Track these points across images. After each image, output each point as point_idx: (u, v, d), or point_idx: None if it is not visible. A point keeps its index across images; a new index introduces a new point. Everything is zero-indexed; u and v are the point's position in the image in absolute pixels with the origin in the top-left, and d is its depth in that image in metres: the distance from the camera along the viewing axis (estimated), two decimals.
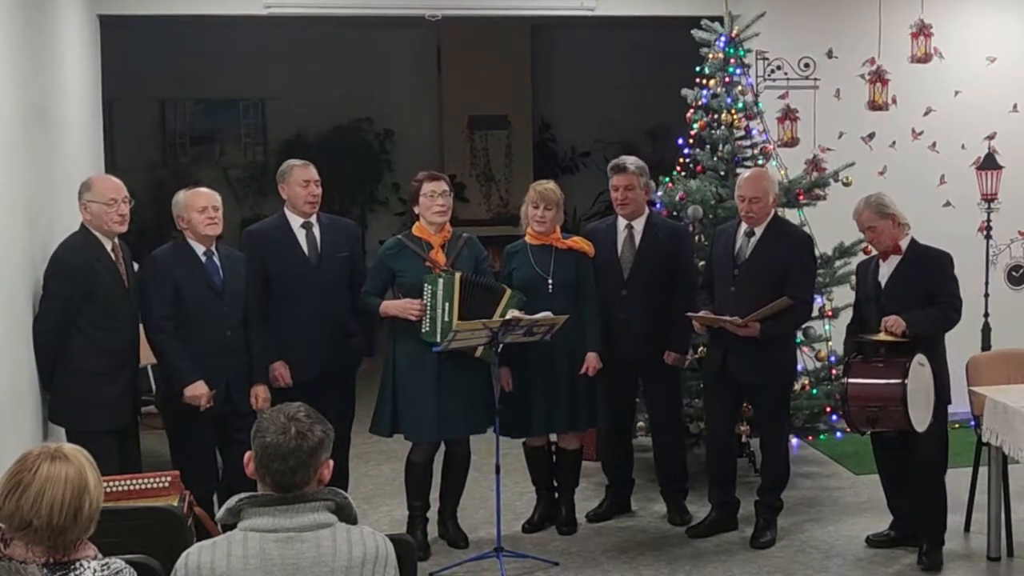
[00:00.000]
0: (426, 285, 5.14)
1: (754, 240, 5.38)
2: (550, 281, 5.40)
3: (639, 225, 5.67)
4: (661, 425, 5.86)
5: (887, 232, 5.12)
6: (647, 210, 5.75)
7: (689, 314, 5.41)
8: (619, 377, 5.68)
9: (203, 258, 5.04)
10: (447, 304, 5.09)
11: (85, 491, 2.44)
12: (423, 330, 5.13)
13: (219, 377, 4.99)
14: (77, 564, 2.43)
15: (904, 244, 5.13)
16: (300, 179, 5.42)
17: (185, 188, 5.16)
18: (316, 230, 5.47)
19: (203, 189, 5.13)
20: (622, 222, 5.70)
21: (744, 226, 5.42)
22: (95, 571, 2.44)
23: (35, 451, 2.46)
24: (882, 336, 5.03)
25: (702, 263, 5.89)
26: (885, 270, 5.15)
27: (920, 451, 5.08)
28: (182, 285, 4.96)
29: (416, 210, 5.33)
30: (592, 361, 5.43)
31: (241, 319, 5.11)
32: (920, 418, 4.93)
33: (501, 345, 5.05)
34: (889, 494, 5.41)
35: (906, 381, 4.86)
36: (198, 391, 4.90)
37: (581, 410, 5.49)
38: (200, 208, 4.99)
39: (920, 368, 4.96)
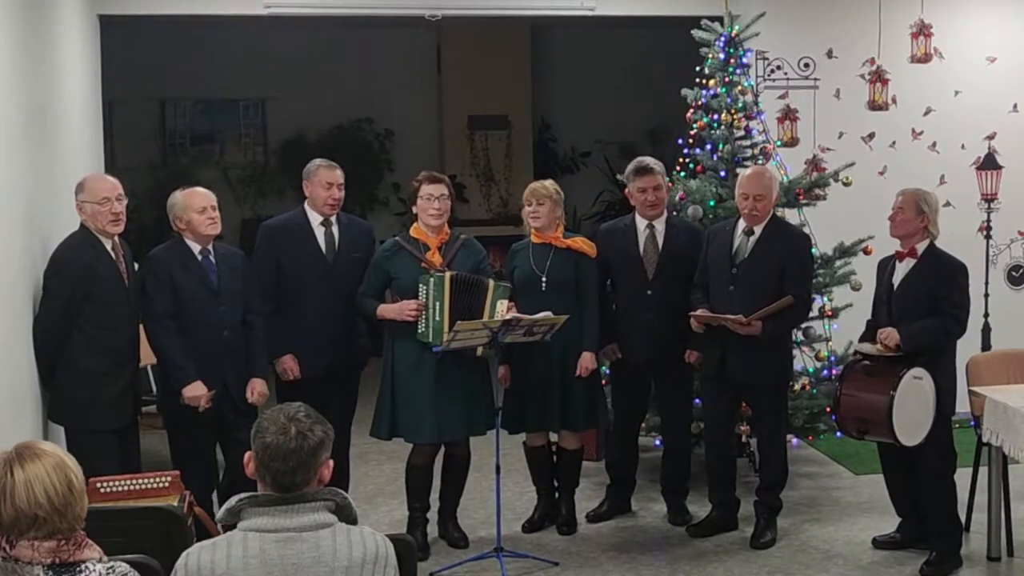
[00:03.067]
0: (421, 286, 5.13)
1: (753, 239, 5.37)
2: (543, 279, 5.41)
3: (660, 225, 5.67)
4: (674, 426, 5.86)
5: (908, 225, 5.04)
6: (666, 211, 5.75)
7: (690, 313, 5.41)
8: (633, 377, 5.69)
9: (199, 257, 5.03)
10: (438, 304, 5.08)
11: (66, 466, 2.45)
12: (418, 331, 5.13)
13: (217, 377, 5.00)
14: (83, 566, 2.43)
15: (921, 248, 5.06)
16: (324, 180, 5.45)
17: (180, 189, 5.15)
18: (335, 229, 5.49)
19: (199, 189, 5.12)
20: (642, 222, 5.69)
21: (741, 225, 5.42)
22: (100, 574, 2.43)
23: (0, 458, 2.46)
24: (876, 350, 5.03)
25: None
26: (899, 273, 5.11)
27: (924, 463, 5.06)
28: (179, 284, 4.96)
29: (414, 210, 5.33)
30: (586, 361, 5.43)
31: (239, 319, 5.11)
32: (911, 433, 4.91)
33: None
34: (895, 497, 5.40)
35: (894, 395, 4.84)
36: (197, 391, 4.90)
37: (577, 410, 5.49)
38: (200, 209, 4.99)
39: (915, 382, 4.91)
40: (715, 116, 6.48)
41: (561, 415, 5.48)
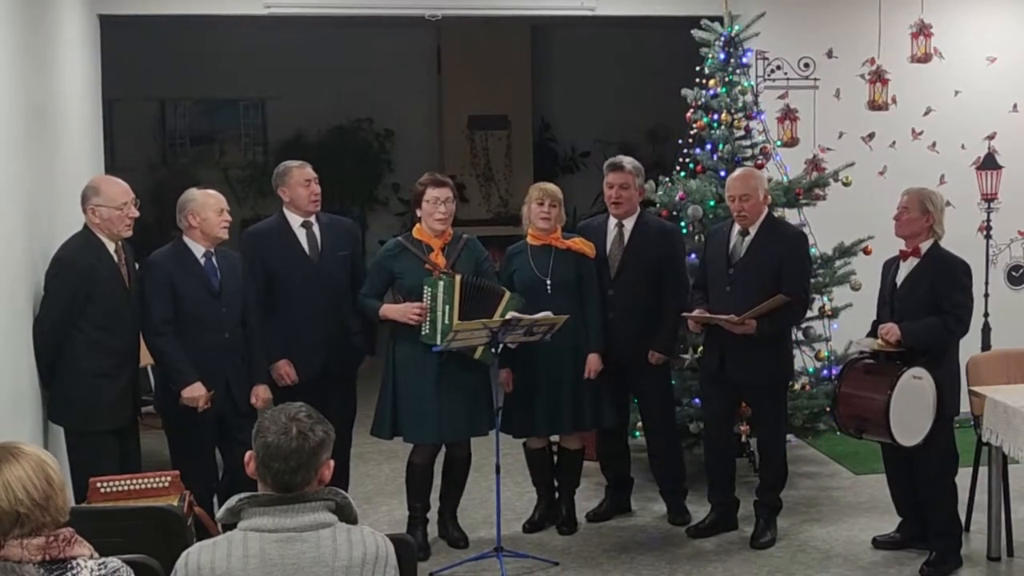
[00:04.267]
0: (426, 288, 5.13)
1: (748, 239, 5.37)
2: (548, 282, 5.40)
3: (629, 224, 5.67)
4: (654, 425, 5.86)
5: (913, 224, 5.05)
6: (639, 209, 5.74)
7: (684, 314, 5.41)
8: (609, 376, 5.69)
9: (202, 260, 5.03)
10: (447, 307, 5.08)
11: (43, 462, 2.46)
12: (423, 332, 5.13)
13: (218, 378, 4.99)
14: (73, 563, 2.43)
15: (924, 247, 5.06)
16: (301, 179, 5.44)
17: (197, 187, 5.14)
18: (316, 229, 5.48)
19: (215, 191, 5.13)
20: (612, 221, 5.70)
21: (738, 226, 5.42)
22: (92, 570, 2.44)
23: None
24: (877, 345, 5.03)
25: None
26: (902, 272, 5.11)
27: (924, 463, 5.06)
28: (180, 287, 4.95)
29: (418, 212, 5.32)
30: (593, 363, 5.44)
31: (239, 320, 5.11)
32: (909, 433, 4.90)
33: (500, 347, 5.05)
34: (896, 497, 5.39)
35: (891, 395, 4.83)
36: (196, 392, 4.90)
37: (585, 411, 5.49)
38: (219, 210, 5.01)
39: (914, 382, 4.90)
40: (715, 116, 6.48)
41: (572, 417, 5.48)
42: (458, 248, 5.30)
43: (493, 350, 5.06)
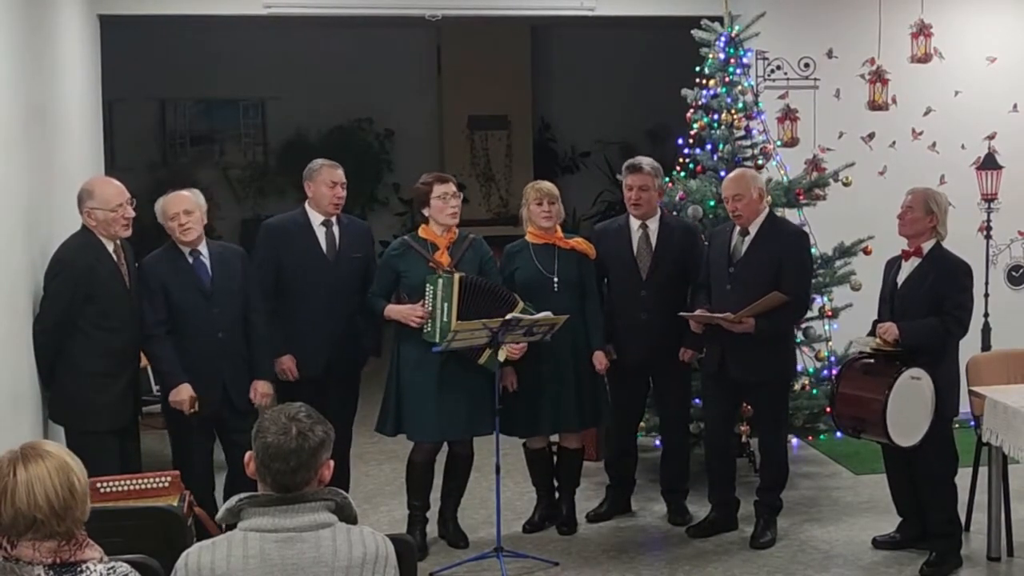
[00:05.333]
0: (428, 286, 5.14)
1: (749, 239, 5.38)
2: (555, 280, 5.41)
3: (654, 225, 5.67)
4: (672, 425, 5.87)
5: (916, 224, 5.05)
6: (659, 210, 5.75)
7: (682, 314, 5.42)
8: (631, 377, 5.69)
9: (190, 259, 5.01)
10: (446, 304, 5.09)
11: (69, 469, 2.44)
12: (424, 331, 5.14)
13: (215, 379, 4.99)
14: (83, 566, 2.42)
15: (927, 248, 5.06)
16: (328, 180, 5.45)
17: (165, 194, 5.08)
18: (336, 229, 5.49)
19: (180, 193, 5.03)
20: (635, 222, 5.69)
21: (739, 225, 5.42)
22: (101, 573, 2.43)
23: (4, 458, 2.44)
24: (875, 344, 5.03)
25: None
26: (904, 272, 5.11)
27: (923, 464, 5.06)
28: (171, 290, 4.94)
29: (425, 212, 5.31)
30: (601, 359, 5.45)
31: (236, 319, 5.08)
32: (907, 433, 4.90)
33: (504, 353, 5.04)
34: (896, 497, 5.39)
35: (888, 395, 4.83)
36: (180, 396, 4.89)
37: (587, 409, 5.51)
38: (171, 216, 4.95)
39: (913, 382, 4.90)
40: (715, 116, 6.48)
41: (577, 415, 5.48)
42: (463, 247, 5.31)
43: (498, 357, 5.06)
